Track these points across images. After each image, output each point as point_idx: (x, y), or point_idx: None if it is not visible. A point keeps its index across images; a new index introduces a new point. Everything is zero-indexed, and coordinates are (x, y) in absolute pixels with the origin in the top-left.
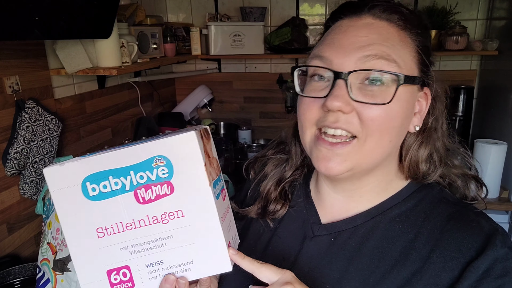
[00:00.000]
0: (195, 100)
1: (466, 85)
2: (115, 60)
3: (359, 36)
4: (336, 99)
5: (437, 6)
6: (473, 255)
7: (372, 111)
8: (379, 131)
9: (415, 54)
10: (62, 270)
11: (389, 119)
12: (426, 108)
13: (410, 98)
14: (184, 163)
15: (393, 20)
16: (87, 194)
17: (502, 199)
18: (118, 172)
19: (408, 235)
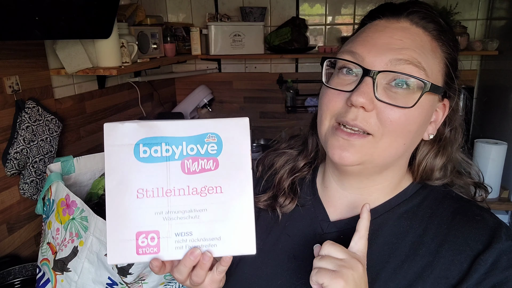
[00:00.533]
0: (195, 100)
1: (466, 85)
2: (115, 60)
3: (394, 38)
4: (361, 95)
5: (437, 6)
6: (480, 248)
7: (393, 113)
8: (395, 133)
9: (443, 65)
10: (62, 270)
11: (407, 123)
12: (442, 118)
13: (430, 107)
14: (233, 143)
15: (429, 29)
16: (138, 155)
17: (502, 199)
18: (171, 141)
19: (417, 231)
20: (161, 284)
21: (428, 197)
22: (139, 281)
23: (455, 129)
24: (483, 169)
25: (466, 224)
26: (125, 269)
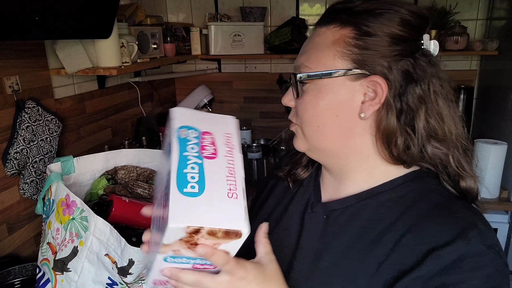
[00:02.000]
0: (195, 100)
1: (466, 85)
2: (115, 60)
3: (303, 46)
4: (285, 96)
5: (437, 6)
6: (440, 243)
7: (299, 105)
8: (304, 120)
9: (348, 49)
10: (62, 270)
11: (307, 110)
12: (383, 95)
13: (333, 90)
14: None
15: (333, 24)
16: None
17: (502, 199)
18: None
19: (390, 219)
20: None
21: (415, 190)
22: (139, 281)
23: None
24: (483, 169)
25: (438, 218)
26: (125, 269)
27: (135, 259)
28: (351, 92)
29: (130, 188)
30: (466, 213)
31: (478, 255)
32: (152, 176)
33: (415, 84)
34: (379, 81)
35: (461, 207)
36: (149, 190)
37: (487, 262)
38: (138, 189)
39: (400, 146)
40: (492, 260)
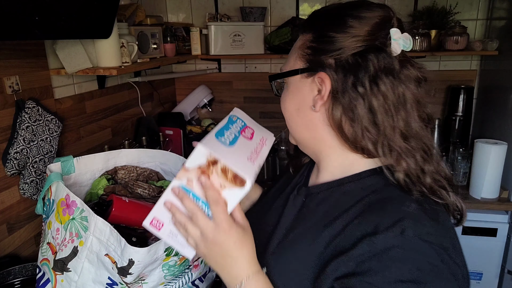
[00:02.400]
0: (195, 100)
1: (466, 85)
2: (115, 60)
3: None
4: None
5: (437, 6)
6: (375, 230)
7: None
8: (285, 116)
9: (304, 51)
10: (62, 270)
11: (282, 107)
12: (327, 90)
13: (294, 87)
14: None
15: (304, 31)
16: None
17: (502, 199)
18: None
19: (346, 207)
20: (161, 284)
21: (377, 183)
22: (139, 281)
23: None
24: (483, 169)
25: (384, 209)
26: (125, 269)
27: (135, 259)
28: (306, 88)
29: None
30: (412, 207)
31: (410, 248)
32: (152, 176)
33: (358, 81)
34: (323, 77)
35: (412, 201)
36: (149, 190)
37: (420, 255)
38: (138, 189)
39: (350, 135)
40: (428, 255)
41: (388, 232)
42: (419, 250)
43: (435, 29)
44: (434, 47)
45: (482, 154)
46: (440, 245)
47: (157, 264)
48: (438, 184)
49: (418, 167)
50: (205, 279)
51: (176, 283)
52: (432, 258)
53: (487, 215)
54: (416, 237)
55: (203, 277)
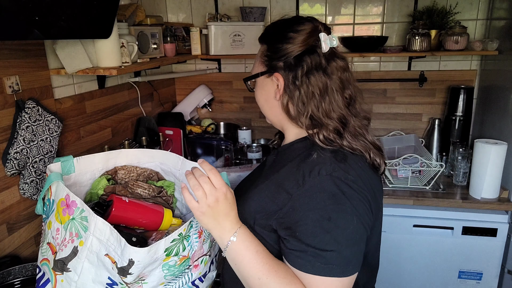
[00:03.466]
0: (195, 100)
1: (466, 85)
2: (115, 60)
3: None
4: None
5: (437, 6)
6: (300, 174)
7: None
8: (259, 106)
9: (262, 58)
10: (62, 270)
11: (257, 100)
12: (281, 86)
13: (261, 85)
14: None
15: (260, 43)
16: None
17: (502, 199)
18: None
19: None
20: (161, 284)
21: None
22: (139, 281)
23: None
24: (483, 169)
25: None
26: (125, 269)
27: (135, 259)
28: (268, 85)
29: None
30: (325, 154)
31: (324, 183)
32: (152, 176)
33: (296, 77)
34: (277, 76)
35: (327, 152)
36: (149, 190)
37: (330, 187)
38: (138, 189)
39: (294, 114)
40: (336, 186)
41: (312, 174)
42: (329, 182)
43: (435, 29)
44: (434, 47)
45: (482, 154)
46: (345, 177)
47: (157, 264)
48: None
49: (335, 132)
50: (205, 279)
51: (176, 283)
52: (342, 186)
53: (487, 215)
54: (328, 175)
55: (203, 277)
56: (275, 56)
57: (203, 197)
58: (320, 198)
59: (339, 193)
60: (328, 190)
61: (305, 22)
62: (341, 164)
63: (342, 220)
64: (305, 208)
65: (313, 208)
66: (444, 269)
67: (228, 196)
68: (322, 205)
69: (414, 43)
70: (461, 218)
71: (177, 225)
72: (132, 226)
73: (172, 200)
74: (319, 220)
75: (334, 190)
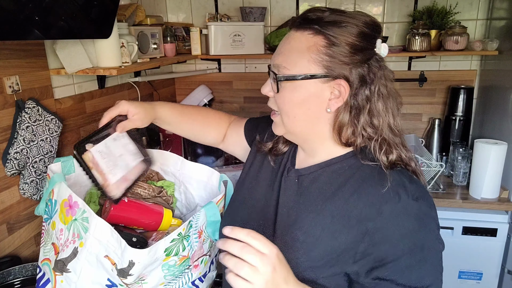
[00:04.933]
0: (195, 100)
1: (466, 85)
2: (115, 60)
3: (280, 46)
4: (265, 86)
5: (437, 6)
6: (378, 201)
7: (278, 97)
8: (283, 110)
9: (319, 56)
10: (62, 271)
11: (285, 103)
12: (346, 94)
13: (306, 88)
14: None
15: (307, 31)
16: None
17: (502, 199)
18: None
19: (340, 183)
20: (161, 284)
21: (356, 162)
22: (139, 281)
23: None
24: (483, 169)
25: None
26: (125, 270)
27: (135, 261)
28: (320, 91)
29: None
30: (395, 176)
31: (409, 206)
32: (152, 176)
33: (366, 87)
34: (343, 84)
35: (393, 172)
36: (149, 190)
37: (415, 210)
38: (138, 189)
39: (346, 135)
40: (420, 208)
41: (389, 201)
42: (416, 206)
43: (435, 29)
44: (434, 47)
45: (482, 154)
46: (427, 198)
47: (157, 264)
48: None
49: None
50: (205, 279)
51: (176, 283)
52: (426, 210)
53: (487, 215)
54: (410, 198)
55: (203, 277)
56: (342, 60)
57: (255, 273)
58: (407, 225)
59: (424, 215)
60: (413, 214)
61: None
62: (414, 184)
63: (433, 244)
64: (391, 241)
65: (401, 238)
66: (444, 269)
67: (280, 255)
68: (411, 232)
69: (414, 43)
70: (461, 218)
71: (177, 226)
72: (131, 226)
73: (172, 200)
74: (412, 251)
75: (419, 213)
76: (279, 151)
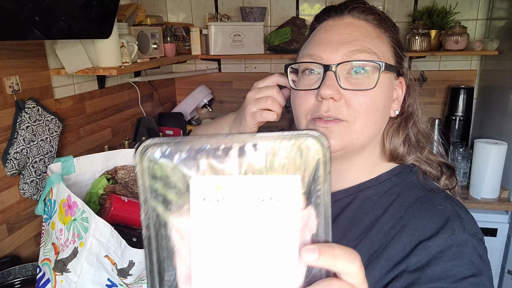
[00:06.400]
0: (195, 100)
1: (466, 85)
2: (115, 60)
3: (343, 34)
4: (328, 88)
5: (437, 6)
6: (427, 235)
7: (359, 97)
8: (366, 114)
9: (391, 47)
10: (62, 271)
11: (374, 103)
12: (402, 95)
13: (389, 85)
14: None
15: (370, 20)
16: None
17: (502, 199)
18: None
19: (377, 212)
20: None
21: (398, 184)
22: (139, 281)
23: (411, 105)
24: (483, 169)
25: (422, 211)
26: (125, 270)
27: (136, 261)
28: (392, 89)
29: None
30: (447, 204)
31: (462, 244)
32: None
33: (413, 90)
34: (403, 81)
35: (442, 199)
36: None
37: (470, 249)
38: None
39: (398, 145)
40: (475, 247)
41: (440, 235)
42: (471, 244)
43: (435, 29)
44: (434, 47)
45: (482, 154)
46: (481, 235)
47: None
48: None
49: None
50: None
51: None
52: (481, 250)
53: (487, 215)
54: (466, 233)
55: None
56: (402, 54)
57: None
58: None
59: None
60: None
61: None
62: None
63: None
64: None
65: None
66: None
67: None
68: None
69: (414, 43)
70: None
71: None
72: (131, 226)
73: None
74: None
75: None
76: None
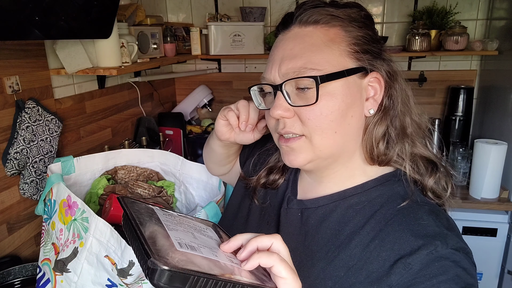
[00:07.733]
0: (195, 100)
1: (466, 85)
2: (115, 60)
3: (286, 50)
4: (276, 108)
5: (437, 6)
6: (407, 251)
7: (307, 112)
8: (318, 127)
9: (348, 47)
10: (62, 271)
11: (323, 116)
12: (381, 90)
13: (348, 90)
14: None
15: (320, 23)
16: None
17: (502, 199)
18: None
19: (358, 223)
20: None
21: (384, 194)
22: (139, 281)
23: (390, 96)
24: (483, 169)
25: (403, 224)
26: (125, 270)
27: (136, 261)
28: (360, 90)
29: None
30: (430, 219)
31: (444, 258)
32: (152, 176)
33: (393, 82)
34: (378, 76)
35: (426, 213)
36: (149, 190)
37: (454, 263)
38: (138, 189)
39: (375, 144)
40: (459, 261)
41: (421, 251)
42: (454, 259)
43: (435, 29)
44: (434, 47)
45: (482, 154)
46: (466, 249)
47: None
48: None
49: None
50: None
51: None
52: (467, 264)
53: (487, 215)
54: (449, 248)
55: None
56: (371, 48)
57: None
58: (442, 282)
59: (465, 272)
60: (451, 271)
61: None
62: (453, 232)
63: None
64: None
65: None
66: None
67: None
68: None
69: (414, 43)
70: (461, 218)
71: None
72: None
73: (172, 200)
74: None
75: (459, 270)
76: (274, 185)
